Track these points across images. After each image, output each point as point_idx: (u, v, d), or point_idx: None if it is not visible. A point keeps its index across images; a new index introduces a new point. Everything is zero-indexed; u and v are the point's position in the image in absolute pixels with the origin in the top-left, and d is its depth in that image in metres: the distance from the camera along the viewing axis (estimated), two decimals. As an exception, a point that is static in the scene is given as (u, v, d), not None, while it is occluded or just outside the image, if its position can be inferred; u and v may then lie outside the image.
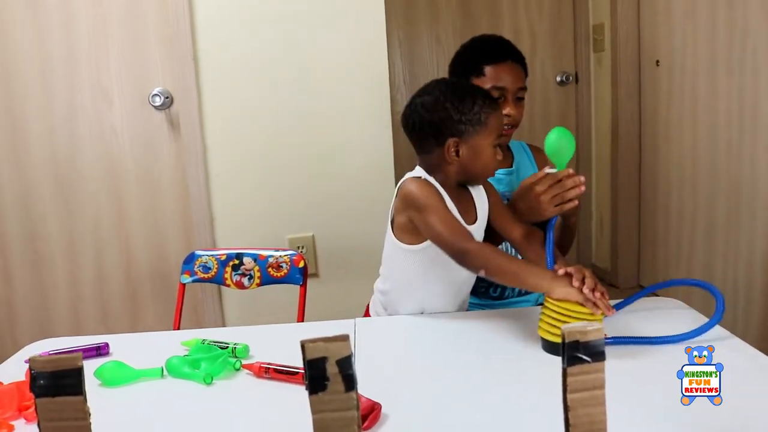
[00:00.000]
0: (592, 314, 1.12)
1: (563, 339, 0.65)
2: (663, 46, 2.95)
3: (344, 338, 0.62)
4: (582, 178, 1.35)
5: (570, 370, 0.65)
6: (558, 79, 3.51)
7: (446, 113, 1.33)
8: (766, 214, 2.30)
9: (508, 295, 1.69)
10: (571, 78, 3.53)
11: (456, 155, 1.34)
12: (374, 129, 2.39)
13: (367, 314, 1.60)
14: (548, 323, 1.16)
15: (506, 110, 1.55)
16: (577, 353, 0.65)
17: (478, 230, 1.39)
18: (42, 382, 0.64)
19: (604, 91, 3.38)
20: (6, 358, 1.31)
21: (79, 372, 0.64)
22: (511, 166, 1.70)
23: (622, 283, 3.40)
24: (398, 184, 1.39)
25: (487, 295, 1.68)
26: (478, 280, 1.63)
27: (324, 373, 0.62)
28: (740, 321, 2.45)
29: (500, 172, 1.65)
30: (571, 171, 1.36)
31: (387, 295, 1.47)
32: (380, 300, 1.51)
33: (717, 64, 2.52)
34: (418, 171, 1.39)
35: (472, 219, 1.39)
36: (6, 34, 2.36)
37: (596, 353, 0.66)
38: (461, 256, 1.25)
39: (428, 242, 1.33)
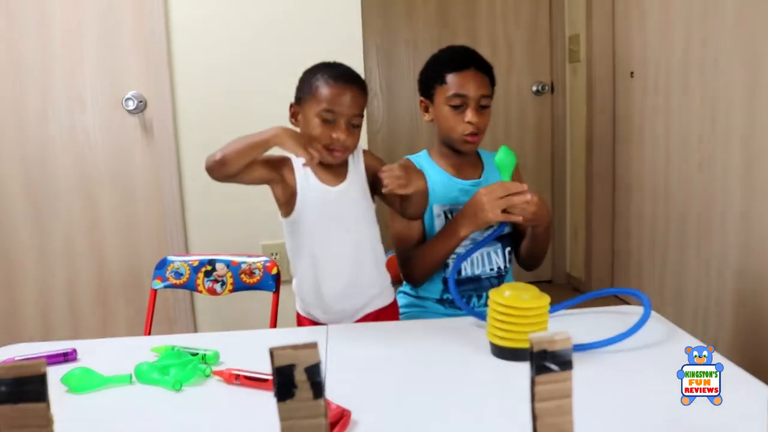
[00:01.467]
0: (539, 315, 1.15)
1: (531, 348, 0.65)
2: (637, 57, 2.99)
3: (313, 346, 0.62)
4: (531, 197, 1.42)
5: (538, 379, 0.65)
6: (534, 88, 3.54)
7: (299, 82, 1.48)
8: (737, 225, 2.33)
9: (477, 306, 1.68)
10: (546, 88, 3.56)
11: (295, 120, 1.47)
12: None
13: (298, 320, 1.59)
14: (495, 326, 1.17)
15: (468, 117, 1.57)
16: (545, 362, 0.66)
17: (341, 193, 1.44)
18: (4, 388, 0.63)
19: (580, 101, 3.41)
20: (-28, 362, 1.29)
21: (42, 378, 0.63)
22: (480, 177, 1.69)
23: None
24: None
25: (454, 307, 1.67)
26: (446, 297, 1.67)
27: (292, 380, 0.62)
28: (711, 330, 2.48)
29: (467, 184, 1.65)
30: (524, 184, 1.44)
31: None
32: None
33: (690, 76, 2.56)
34: None
35: (337, 182, 1.44)
36: (-22, 34, 2.33)
37: (564, 362, 0.66)
38: (213, 165, 1.43)
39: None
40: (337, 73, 1.44)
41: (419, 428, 0.95)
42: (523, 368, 1.09)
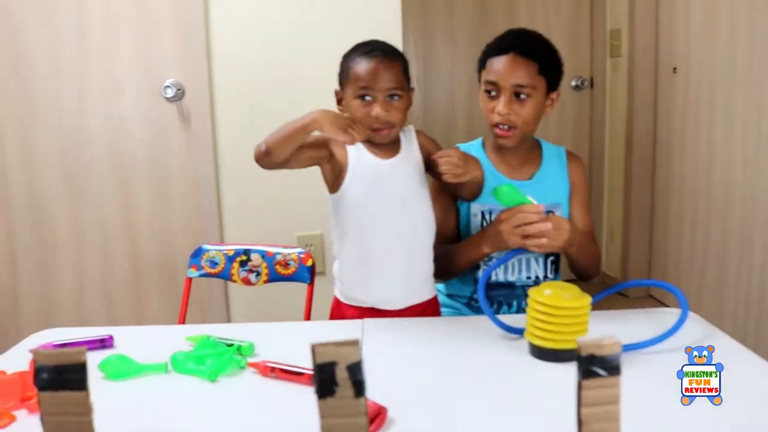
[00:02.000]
0: (579, 315, 1.11)
1: (579, 352, 0.63)
2: (681, 53, 2.92)
3: (354, 343, 0.61)
4: (548, 225, 1.34)
5: (585, 383, 0.63)
6: (573, 83, 3.48)
7: (339, 66, 1.46)
8: (780, 228, 2.28)
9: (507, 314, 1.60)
10: (586, 83, 3.51)
11: (341, 105, 1.45)
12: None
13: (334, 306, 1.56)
14: (534, 326, 1.14)
15: (497, 107, 1.46)
16: (592, 367, 0.63)
17: (394, 166, 1.41)
18: (45, 375, 0.63)
19: (620, 97, 3.35)
20: (9, 346, 1.31)
21: (82, 367, 0.63)
22: (530, 177, 1.57)
23: (631, 293, 3.37)
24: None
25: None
26: (475, 299, 1.60)
27: (333, 378, 0.60)
28: (751, 333, 2.42)
29: (516, 184, 1.48)
30: (541, 207, 1.37)
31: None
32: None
33: (736, 73, 2.50)
34: None
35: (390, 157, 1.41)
36: (18, 23, 2.36)
37: (612, 367, 0.64)
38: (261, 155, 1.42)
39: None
40: (368, 48, 1.40)
41: (455, 427, 0.93)
42: (562, 370, 1.07)
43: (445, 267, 1.52)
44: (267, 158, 1.38)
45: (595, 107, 3.53)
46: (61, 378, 0.63)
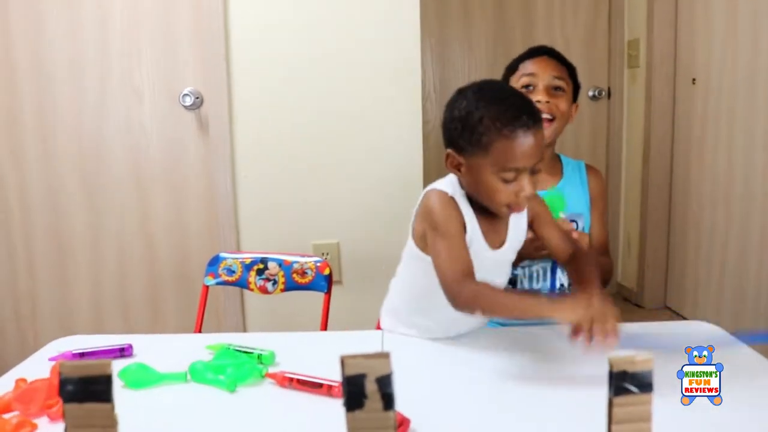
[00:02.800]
0: None
1: (610, 368, 0.62)
2: (700, 63, 2.90)
3: (385, 356, 0.60)
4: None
5: (616, 400, 0.62)
6: (590, 93, 3.47)
7: (452, 118, 1.20)
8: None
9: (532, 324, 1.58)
10: (603, 93, 3.49)
11: (457, 170, 1.21)
12: (404, 137, 2.37)
13: (378, 328, 1.48)
14: None
15: (536, 97, 1.51)
16: (624, 383, 0.62)
17: (503, 256, 1.28)
18: (70, 387, 0.63)
19: (638, 107, 3.33)
20: (28, 351, 1.31)
21: (108, 379, 0.63)
22: (551, 190, 1.59)
23: (647, 304, 3.34)
24: (424, 191, 1.27)
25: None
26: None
27: (363, 390, 0.60)
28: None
29: (541, 194, 1.43)
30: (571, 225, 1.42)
31: (398, 311, 1.39)
32: (390, 315, 1.42)
33: (757, 83, 2.47)
34: (447, 183, 1.25)
35: (498, 243, 1.26)
36: (40, 29, 2.37)
37: (644, 384, 0.63)
38: (451, 298, 1.15)
39: None
40: (518, 113, 1.14)
41: (478, 441, 0.92)
42: (592, 384, 1.06)
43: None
44: (456, 306, 1.16)
45: (613, 118, 3.51)
46: (87, 390, 0.63)
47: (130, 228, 2.51)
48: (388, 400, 0.59)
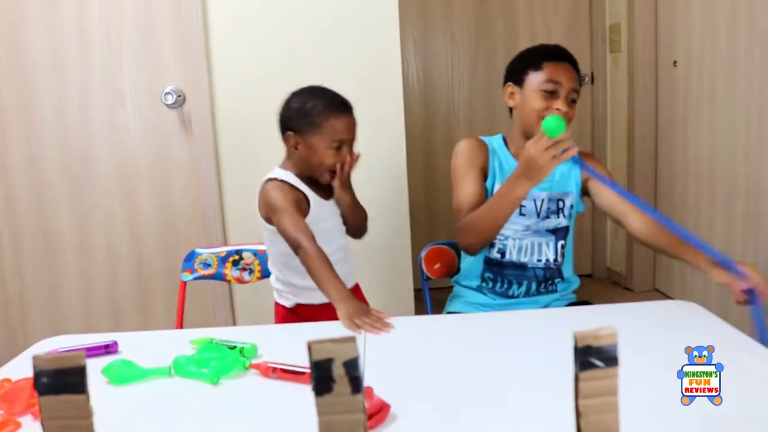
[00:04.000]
0: None
1: (575, 343, 0.63)
2: (681, 46, 2.92)
3: (351, 340, 0.61)
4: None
5: (582, 375, 0.63)
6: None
7: (289, 111, 1.63)
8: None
9: (517, 295, 1.69)
10: (587, 78, 3.50)
11: (294, 148, 1.61)
12: (387, 133, 2.37)
13: (277, 310, 1.73)
14: None
15: (558, 105, 1.57)
16: (589, 358, 0.64)
17: (332, 206, 1.68)
18: (45, 379, 0.64)
19: (621, 91, 3.35)
20: (18, 352, 1.32)
21: (82, 371, 0.64)
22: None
23: (637, 287, 3.36)
24: (263, 182, 1.65)
25: (493, 290, 1.70)
26: (487, 276, 1.70)
27: (330, 375, 0.61)
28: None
29: None
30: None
31: (280, 281, 1.69)
32: (278, 289, 1.71)
33: (736, 64, 2.49)
34: (277, 170, 1.65)
35: (328, 196, 1.67)
36: (20, 31, 2.37)
37: (609, 358, 0.64)
38: (297, 252, 1.48)
39: None
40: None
41: (457, 424, 0.93)
42: (566, 364, 1.07)
43: (475, 232, 1.59)
44: (300, 258, 1.49)
45: (596, 102, 3.53)
46: (62, 382, 0.64)
47: (118, 227, 2.51)
48: (356, 384, 0.60)
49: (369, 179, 2.38)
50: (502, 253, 1.66)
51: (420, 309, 2.39)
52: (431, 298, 1.86)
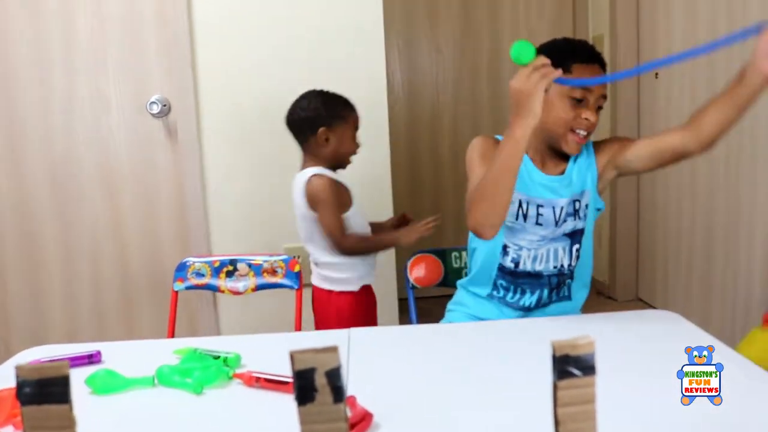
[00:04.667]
0: None
1: (553, 352, 0.64)
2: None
3: (333, 349, 0.62)
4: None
5: (560, 384, 0.64)
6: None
7: (316, 110, 1.87)
8: (764, 228, 2.30)
9: (528, 304, 1.58)
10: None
11: (326, 141, 1.85)
12: (371, 140, 2.37)
13: (337, 300, 1.90)
14: None
15: (586, 114, 1.45)
16: (567, 367, 0.65)
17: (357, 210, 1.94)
18: (28, 389, 0.64)
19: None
20: (0, 362, 1.31)
21: (65, 380, 0.64)
22: (563, 173, 1.55)
23: (620, 296, 3.39)
24: (307, 177, 1.86)
25: (504, 300, 1.59)
26: (500, 284, 1.60)
27: (312, 384, 0.61)
28: (738, 334, 2.44)
29: (549, 178, 1.53)
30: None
31: (345, 269, 1.91)
32: (342, 278, 1.91)
33: (716, 77, 2.52)
34: (311, 169, 1.86)
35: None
36: (4, 38, 2.37)
37: (587, 367, 0.65)
38: (333, 240, 1.83)
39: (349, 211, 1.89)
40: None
41: (441, 433, 0.94)
42: (539, 371, 1.08)
43: (481, 199, 1.37)
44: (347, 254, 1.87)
45: (580, 113, 3.55)
46: (44, 392, 0.64)
47: (102, 236, 2.50)
48: (338, 393, 0.61)
49: (353, 186, 2.39)
50: (516, 263, 1.55)
51: (404, 319, 2.39)
52: (416, 307, 1.85)
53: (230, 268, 1.82)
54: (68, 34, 2.38)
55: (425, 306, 1.86)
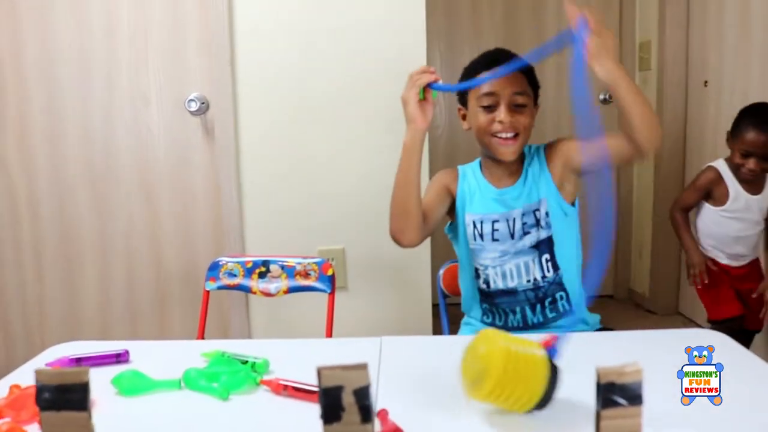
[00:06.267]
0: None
1: (598, 380, 0.60)
2: (712, 66, 2.87)
3: (362, 367, 0.59)
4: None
5: (604, 413, 0.60)
6: (601, 97, 3.43)
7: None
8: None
9: (516, 325, 1.57)
10: (609, 96, 3.45)
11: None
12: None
13: None
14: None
15: (499, 117, 1.49)
16: (612, 396, 0.61)
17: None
18: (47, 395, 0.62)
19: (649, 111, 3.29)
20: (35, 355, 1.31)
21: (85, 387, 0.62)
22: (514, 184, 1.58)
23: (660, 310, 3.30)
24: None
25: (494, 325, 1.58)
26: (484, 308, 1.62)
27: (340, 403, 0.58)
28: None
29: (500, 192, 1.58)
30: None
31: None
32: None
33: (768, 85, 2.44)
34: None
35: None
36: (48, 36, 2.39)
37: (633, 396, 0.61)
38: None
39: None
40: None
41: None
42: (590, 390, 1.04)
43: (392, 206, 1.55)
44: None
45: (624, 121, 3.47)
46: (63, 398, 0.62)
47: (138, 233, 2.51)
48: (366, 413, 0.58)
49: (389, 194, 2.37)
50: (488, 283, 1.57)
51: (437, 325, 2.36)
52: (449, 314, 1.84)
53: (263, 269, 1.79)
54: (109, 31, 2.39)
55: (459, 313, 1.82)
